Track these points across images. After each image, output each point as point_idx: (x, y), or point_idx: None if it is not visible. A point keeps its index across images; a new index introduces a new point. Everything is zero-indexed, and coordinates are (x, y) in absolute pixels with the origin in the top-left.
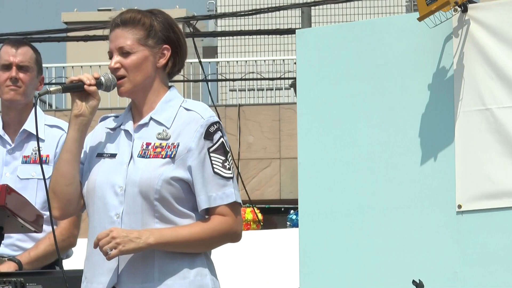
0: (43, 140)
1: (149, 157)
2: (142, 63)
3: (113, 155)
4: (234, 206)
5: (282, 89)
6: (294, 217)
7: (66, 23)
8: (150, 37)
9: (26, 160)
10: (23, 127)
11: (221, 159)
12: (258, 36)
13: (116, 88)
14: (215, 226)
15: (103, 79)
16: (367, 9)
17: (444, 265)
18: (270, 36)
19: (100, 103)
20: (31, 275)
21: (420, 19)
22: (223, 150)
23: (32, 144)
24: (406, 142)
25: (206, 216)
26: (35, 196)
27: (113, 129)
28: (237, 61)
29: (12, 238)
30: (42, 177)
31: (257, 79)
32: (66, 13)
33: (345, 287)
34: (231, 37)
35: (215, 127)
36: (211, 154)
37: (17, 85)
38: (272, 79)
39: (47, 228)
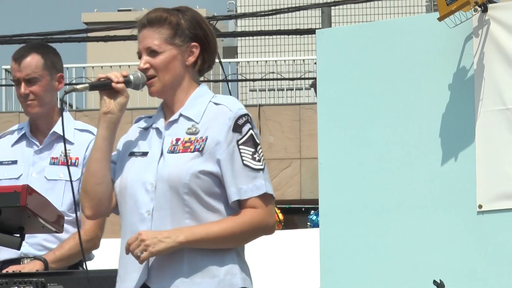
0: (72, 143)
1: (178, 152)
2: (171, 62)
3: (144, 154)
4: (265, 198)
5: (302, 89)
6: (314, 217)
7: (86, 23)
8: (177, 36)
9: (54, 162)
10: (53, 129)
11: (250, 151)
12: (278, 36)
13: (145, 86)
14: (246, 219)
15: (131, 77)
16: (387, 9)
17: (464, 265)
18: (290, 36)
19: (130, 104)
20: (52, 275)
21: (440, 19)
22: (252, 142)
23: (61, 146)
24: (427, 142)
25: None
26: (62, 198)
27: (145, 129)
28: (257, 61)
29: (37, 237)
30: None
31: (277, 79)
32: (86, 13)
33: (365, 286)
34: (251, 37)
35: (244, 119)
36: (240, 147)
37: (30, 99)
38: (292, 79)
39: (71, 229)
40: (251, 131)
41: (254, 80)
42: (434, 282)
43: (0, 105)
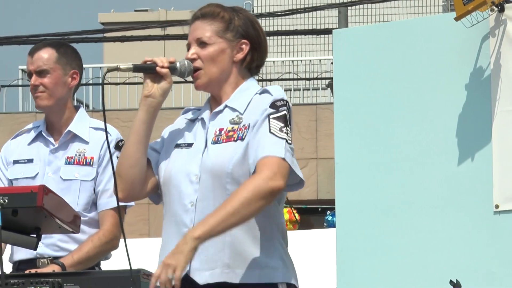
0: (87, 142)
1: (222, 142)
2: (219, 55)
3: (190, 145)
4: (279, 161)
5: (319, 89)
6: (330, 218)
7: (103, 23)
8: (229, 30)
9: (69, 161)
10: (68, 128)
11: (279, 125)
12: (295, 36)
13: (188, 78)
14: (248, 188)
15: (178, 64)
16: (403, 9)
17: (481, 265)
18: (307, 36)
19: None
20: (69, 275)
21: (457, 19)
22: (284, 120)
23: (76, 145)
24: (443, 142)
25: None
26: (78, 198)
27: (192, 120)
28: (273, 61)
29: (53, 238)
30: (85, 179)
31: (294, 79)
32: (103, 13)
33: (382, 286)
34: (267, 37)
35: (282, 103)
36: (271, 120)
37: (39, 91)
38: (309, 79)
39: (87, 229)
40: (285, 112)
41: (270, 80)
42: (451, 282)
43: (16, 106)
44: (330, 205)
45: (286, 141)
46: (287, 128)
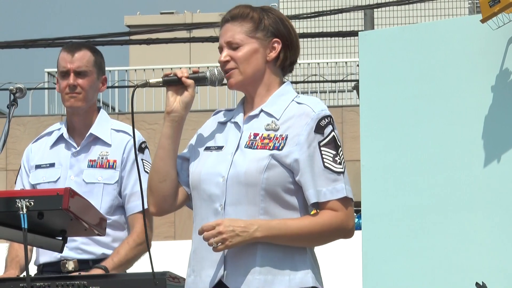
0: (109, 145)
1: (256, 148)
2: (252, 55)
3: (220, 148)
4: (345, 201)
5: (344, 91)
6: (356, 220)
7: (129, 26)
8: (259, 30)
9: (92, 164)
10: (90, 131)
11: (332, 154)
12: (321, 39)
13: (218, 83)
14: (325, 220)
15: (208, 73)
16: (429, 11)
17: (508, 268)
18: (333, 38)
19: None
20: (94, 278)
21: (483, 21)
22: (334, 144)
23: (99, 148)
24: (469, 144)
25: (317, 211)
26: (101, 201)
27: (223, 123)
28: (299, 64)
29: (77, 241)
30: (108, 182)
31: (319, 81)
32: (129, 16)
33: None
34: None
35: (326, 121)
36: (322, 148)
37: (76, 92)
38: (335, 81)
39: (111, 232)
40: (333, 133)
41: (296, 82)
42: (477, 284)
43: (42, 108)
44: (356, 207)
45: (343, 173)
46: (339, 153)
